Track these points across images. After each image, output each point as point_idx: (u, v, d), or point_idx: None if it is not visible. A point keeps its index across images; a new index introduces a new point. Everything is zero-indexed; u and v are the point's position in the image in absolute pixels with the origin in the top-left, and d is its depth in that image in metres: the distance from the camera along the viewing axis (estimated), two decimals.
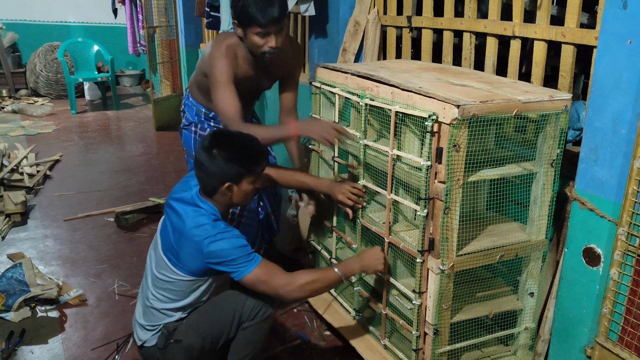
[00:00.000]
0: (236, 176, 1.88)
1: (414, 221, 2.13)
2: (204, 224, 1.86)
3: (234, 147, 1.90)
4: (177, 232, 1.90)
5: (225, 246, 1.83)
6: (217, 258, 1.83)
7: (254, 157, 1.93)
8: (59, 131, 6.34)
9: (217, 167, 1.86)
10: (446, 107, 1.70)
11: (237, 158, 1.88)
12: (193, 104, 2.67)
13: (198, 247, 1.84)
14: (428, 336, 1.95)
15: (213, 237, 1.83)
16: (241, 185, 1.91)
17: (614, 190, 1.89)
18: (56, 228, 3.77)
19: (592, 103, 1.92)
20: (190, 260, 1.88)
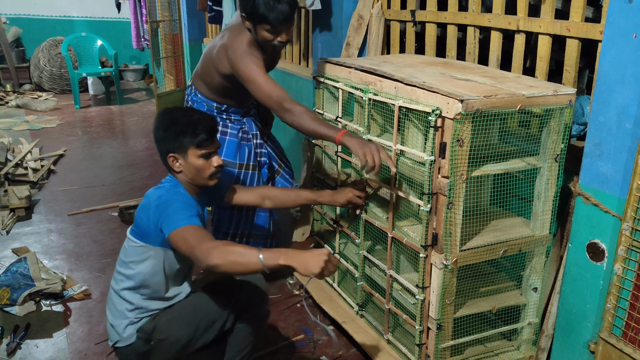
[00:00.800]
0: (174, 146, 1.88)
1: (417, 216, 2.12)
2: (162, 188, 1.92)
3: (173, 117, 1.92)
4: (142, 204, 1.92)
5: (173, 202, 1.82)
6: (161, 211, 1.80)
7: (190, 128, 1.89)
8: (63, 126, 6.35)
9: (156, 138, 1.92)
10: (450, 101, 1.70)
11: (173, 127, 1.88)
12: (202, 100, 2.65)
13: (150, 204, 1.85)
14: (431, 331, 1.96)
15: (166, 194, 1.86)
16: (187, 157, 1.89)
17: (618, 185, 1.89)
18: (60, 222, 3.78)
19: (597, 97, 1.91)
20: (144, 223, 1.87)
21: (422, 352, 2.02)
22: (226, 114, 2.66)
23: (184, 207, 1.82)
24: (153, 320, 1.93)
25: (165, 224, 1.78)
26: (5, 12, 8.25)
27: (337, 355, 2.41)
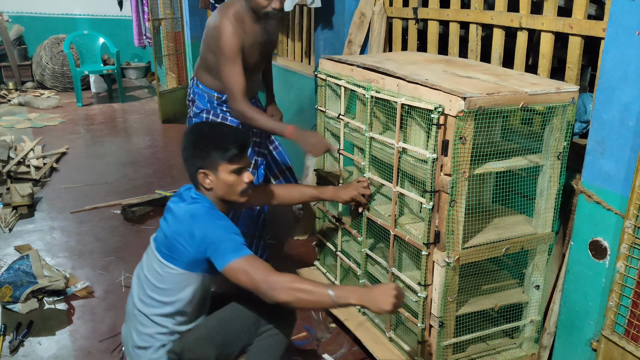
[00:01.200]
0: (205, 162, 1.81)
1: (419, 214, 2.12)
2: (197, 208, 1.80)
3: (203, 132, 1.86)
4: (171, 223, 1.81)
5: (217, 229, 1.74)
6: (207, 241, 1.72)
7: (222, 143, 1.82)
8: (66, 124, 6.36)
9: (187, 153, 1.84)
10: (452, 99, 1.70)
11: (203, 142, 1.82)
12: (203, 91, 2.66)
13: (190, 231, 1.74)
14: (433, 329, 1.96)
15: (207, 221, 1.76)
16: (218, 174, 1.82)
17: (621, 183, 1.88)
18: (63, 220, 3.79)
19: (600, 95, 1.91)
20: (183, 249, 1.76)
21: (425, 350, 2.02)
22: (226, 106, 2.65)
23: (231, 234, 1.74)
24: (181, 340, 1.86)
25: (218, 257, 1.71)
26: (7, 10, 8.26)
27: (340, 353, 2.41)
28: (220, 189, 1.84)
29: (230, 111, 2.53)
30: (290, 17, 4.49)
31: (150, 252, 1.87)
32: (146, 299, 1.84)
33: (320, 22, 3.77)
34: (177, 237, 1.76)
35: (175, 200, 1.88)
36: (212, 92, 2.65)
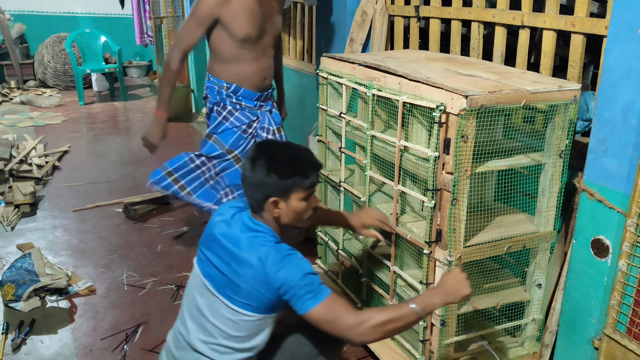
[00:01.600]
0: (280, 190, 1.64)
1: (421, 212, 2.12)
2: (265, 248, 1.62)
3: (278, 156, 1.67)
4: (233, 263, 1.65)
5: (294, 272, 1.58)
6: (286, 287, 1.58)
7: (301, 169, 1.66)
8: (68, 122, 6.36)
9: (259, 179, 1.64)
10: (454, 97, 1.69)
11: (279, 169, 1.64)
12: (214, 83, 2.66)
13: (264, 276, 1.59)
14: (435, 327, 1.95)
15: (280, 261, 1.59)
16: (290, 201, 1.67)
17: (623, 181, 1.88)
18: (65, 218, 3.79)
19: (602, 93, 1.90)
20: (256, 293, 1.61)
21: (426, 349, 2.02)
22: (236, 98, 2.65)
23: (307, 275, 1.58)
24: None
25: (297, 303, 1.58)
26: (9, 9, 8.26)
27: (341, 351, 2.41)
28: (287, 217, 1.70)
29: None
30: (291, 16, 4.49)
31: (209, 294, 1.70)
32: (219, 348, 1.70)
33: (322, 21, 3.77)
34: (246, 280, 1.61)
35: (225, 229, 1.71)
36: (222, 82, 2.64)
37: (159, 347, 2.45)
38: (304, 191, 1.67)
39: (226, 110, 2.65)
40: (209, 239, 1.76)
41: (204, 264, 1.75)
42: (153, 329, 2.58)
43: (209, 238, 1.75)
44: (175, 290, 2.89)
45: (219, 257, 1.69)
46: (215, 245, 1.71)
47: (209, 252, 1.73)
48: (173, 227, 3.65)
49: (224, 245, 1.68)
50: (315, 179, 1.69)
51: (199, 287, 1.74)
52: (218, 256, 1.69)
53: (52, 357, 2.40)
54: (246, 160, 1.68)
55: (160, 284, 2.96)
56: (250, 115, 2.67)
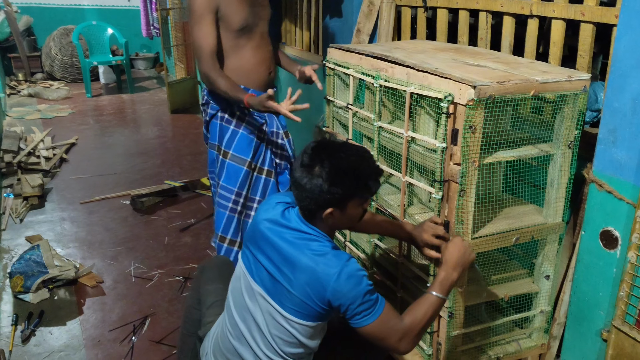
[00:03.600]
0: (340, 201, 1.56)
1: (428, 204, 2.11)
2: (323, 254, 1.53)
3: (339, 166, 1.54)
4: (286, 267, 1.57)
5: (354, 289, 1.50)
6: (343, 301, 1.51)
7: (364, 179, 1.57)
8: (75, 115, 6.38)
9: (318, 190, 1.53)
10: (462, 87, 1.68)
11: (342, 182, 1.53)
12: None
13: (319, 287, 1.51)
14: (442, 319, 1.95)
15: (338, 273, 1.50)
16: (346, 209, 1.59)
17: (632, 172, 1.86)
18: (73, 211, 3.81)
19: (612, 83, 1.88)
20: (308, 301, 1.54)
21: (434, 340, 2.01)
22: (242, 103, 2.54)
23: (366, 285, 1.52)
24: None
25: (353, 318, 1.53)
26: (16, 1, 8.27)
27: None
28: (340, 223, 1.63)
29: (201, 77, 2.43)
30: (298, 6, 4.46)
31: (260, 298, 1.63)
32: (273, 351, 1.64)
33: (329, 11, 3.75)
34: (305, 291, 1.54)
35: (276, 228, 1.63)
36: None
37: (167, 338, 2.46)
38: (362, 200, 1.61)
39: (236, 117, 2.49)
40: (257, 237, 1.67)
41: (253, 265, 1.67)
42: (161, 320, 2.60)
43: (258, 236, 1.66)
44: (182, 282, 2.90)
45: (269, 259, 1.61)
46: (266, 245, 1.63)
47: (259, 252, 1.65)
48: (180, 219, 3.66)
49: (275, 247, 1.60)
50: (377, 188, 1.61)
51: (249, 292, 1.67)
52: (268, 258, 1.61)
53: (61, 348, 2.42)
54: (301, 166, 1.56)
55: (168, 276, 2.97)
56: (259, 118, 2.53)
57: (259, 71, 2.51)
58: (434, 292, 1.62)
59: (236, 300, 1.71)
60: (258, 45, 2.50)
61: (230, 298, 1.76)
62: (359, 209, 1.62)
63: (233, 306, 1.72)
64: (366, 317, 1.53)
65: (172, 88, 6.48)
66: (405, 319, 1.58)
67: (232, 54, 2.44)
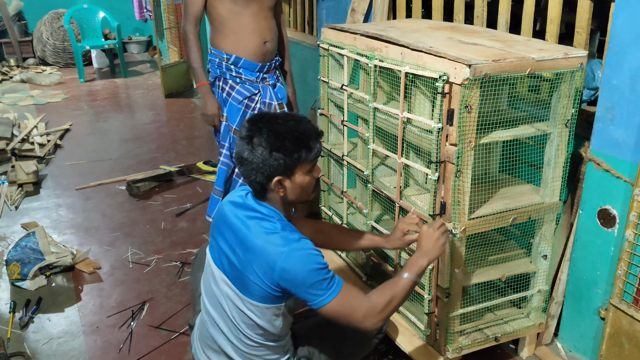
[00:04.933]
0: (284, 168, 1.54)
1: (425, 185, 2.10)
2: (271, 233, 1.54)
3: (278, 132, 1.54)
4: (239, 248, 1.58)
5: (302, 268, 1.49)
6: (291, 281, 1.50)
7: (304, 141, 1.56)
8: (68, 100, 6.33)
9: (261, 160, 1.53)
10: (457, 67, 1.65)
11: (283, 146, 1.52)
12: (215, 55, 2.59)
13: (267, 266, 1.50)
14: (440, 300, 1.95)
15: (286, 253, 1.49)
16: (294, 177, 1.57)
17: (630, 150, 1.85)
18: (68, 197, 3.79)
19: (609, 60, 1.86)
20: (259, 282, 1.53)
21: (431, 321, 2.02)
22: (236, 70, 2.55)
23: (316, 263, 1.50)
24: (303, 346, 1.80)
25: (311, 299, 1.51)
26: None
27: None
28: (292, 194, 1.61)
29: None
30: None
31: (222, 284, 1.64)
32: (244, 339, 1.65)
33: None
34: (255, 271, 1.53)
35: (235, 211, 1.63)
36: (222, 54, 2.55)
37: (165, 323, 2.46)
38: (308, 164, 1.59)
39: (228, 85, 2.58)
40: (220, 222, 1.68)
41: (216, 252, 1.68)
42: (159, 305, 2.59)
43: (221, 220, 1.67)
44: (180, 267, 2.90)
45: (227, 242, 1.62)
46: (225, 228, 1.64)
47: (220, 237, 1.66)
48: (176, 204, 3.64)
49: (232, 228, 1.61)
50: (319, 149, 1.60)
51: (213, 278, 1.68)
52: (227, 241, 1.62)
53: (59, 334, 2.42)
54: (241, 140, 1.57)
55: (165, 261, 2.96)
56: (251, 88, 2.58)
57: (253, 39, 2.54)
58: (405, 274, 1.61)
59: (207, 288, 1.73)
60: (255, 15, 2.54)
61: (202, 287, 1.77)
62: (308, 177, 1.61)
63: (205, 294, 1.74)
64: (323, 296, 1.51)
65: (166, 72, 6.42)
66: (371, 296, 1.57)
67: (227, 20, 2.52)
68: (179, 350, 2.30)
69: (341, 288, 1.54)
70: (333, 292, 1.52)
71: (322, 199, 2.76)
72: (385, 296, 1.57)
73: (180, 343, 2.34)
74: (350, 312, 1.54)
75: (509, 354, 2.25)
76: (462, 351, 2.02)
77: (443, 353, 2.00)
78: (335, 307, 1.52)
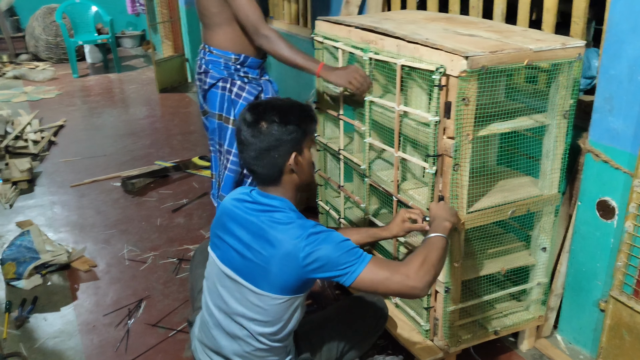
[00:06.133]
0: (298, 140, 1.57)
1: (422, 179, 2.08)
2: (288, 223, 1.53)
3: (282, 108, 1.58)
4: (256, 243, 1.54)
5: (326, 246, 1.48)
6: (318, 262, 1.48)
7: (307, 112, 1.62)
8: (62, 96, 6.28)
9: (275, 137, 1.54)
10: (454, 59, 1.63)
11: (293, 118, 1.56)
12: (220, 55, 2.45)
13: (291, 255, 1.48)
14: (439, 294, 1.93)
15: (306, 237, 1.49)
16: (304, 152, 1.61)
17: (629, 140, 1.84)
18: (63, 194, 3.76)
19: (607, 49, 1.84)
20: (283, 274, 1.51)
21: (430, 316, 2.00)
22: (243, 70, 2.48)
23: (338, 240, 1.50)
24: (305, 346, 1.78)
25: (343, 273, 1.49)
26: None
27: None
28: (303, 173, 1.62)
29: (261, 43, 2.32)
30: None
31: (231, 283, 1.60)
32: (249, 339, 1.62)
33: None
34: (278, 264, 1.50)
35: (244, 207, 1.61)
36: (229, 55, 2.44)
37: (163, 321, 2.44)
38: (311, 137, 1.63)
39: (236, 87, 2.46)
40: (225, 219, 1.65)
41: (222, 249, 1.64)
42: (156, 303, 2.57)
43: (225, 217, 1.64)
44: (177, 264, 2.88)
45: (237, 238, 1.59)
46: (233, 224, 1.61)
47: (226, 234, 1.62)
48: (171, 200, 3.61)
49: (243, 224, 1.58)
50: (317, 120, 1.67)
51: (220, 277, 1.64)
52: (236, 237, 1.59)
53: (55, 334, 2.40)
54: (246, 128, 1.56)
55: (162, 258, 2.94)
56: (257, 86, 2.51)
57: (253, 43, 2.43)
58: (432, 233, 1.61)
59: (211, 289, 1.70)
60: None
61: (205, 288, 1.74)
62: (309, 153, 1.64)
63: (208, 295, 1.71)
64: (354, 265, 1.48)
65: (160, 66, 6.37)
66: (405, 260, 1.54)
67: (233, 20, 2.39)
68: (176, 348, 2.28)
69: (370, 257, 1.52)
70: (363, 260, 1.50)
71: (319, 193, 2.74)
72: (418, 256, 1.52)
73: (178, 341, 2.33)
74: (388, 276, 1.48)
75: (508, 347, 2.24)
76: (462, 345, 2.01)
77: (442, 347, 1.99)
78: (370, 275, 1.48)
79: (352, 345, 1.88)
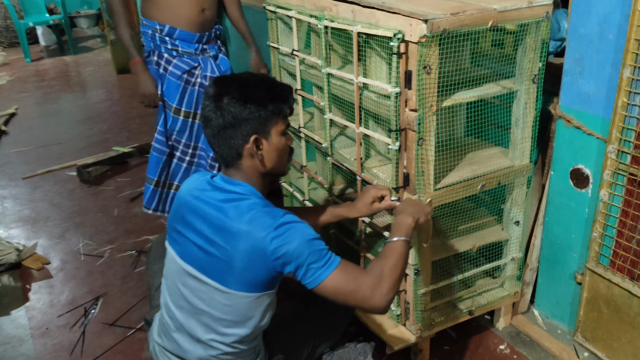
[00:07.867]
0: (260, 122, 1.41)
1: (387, 155, 1.95)
2: (255, 214, 1.38)
3: (247, 82, 1.44)
4: (218, 237, 1.40)
5: (297, 241, 1.35)
6: (289, 258, 1.35)
7: (277, 91, 1.46)
8: (14, 82, 5.98)
9: (233, 116, 1.39)
10: (413, 23, 1.49)
11: (255, 95, 1.41)
12: (147, 26, 2.35)
13: (258, 248, 1.35)
14: (409, 277, 1.82)
15: (275, 229, 1.35)
16: (270, 137, 1.44)
17: (602, 104, 1.73)
18: (14, 187, 3.56)
19: (576, 6, 1.73)
20: (251, 269, 1.38)
21: (401, 299, 1.90)
22: (171, 42, 2.32)
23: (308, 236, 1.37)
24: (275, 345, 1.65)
25: (308, 274, 1.36)
26: None
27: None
28: (269, 160, 1.46)
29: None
30: None
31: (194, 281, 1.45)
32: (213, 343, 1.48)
33: None
34: (244, 258, 1.36)
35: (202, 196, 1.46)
36: (155, 25, 2.32)
37: (120, 320, 2.30)
38: (282, 121, 1.46)
39: (163, 59, 2.34)
40: (183, 212, 1.49)
41: (182, 245, 1.49)
42: (114, 300, 2.43)
43: (184, 210, 1.49)
44: (135, 257, 2.72)
45: (198, 233, 1.44)
46: (193, 218, 1.45)
47: (186, 228, 1.47)
48: (129, 188, 3.43)
49: (203, 216, 1.43)
50: (292, 103, 1.48)
51: (181, 275, 1.48)
52: (197, 232, 1.44)
53: (5, 340, 2.24)
54: (208, 103, 1.42)
55: (119, 251, 2.78)
56: (189, 61, 2.35)
57: (189, 7, 2.30)
58: (395, 237, 1.48)
59: (171, 289, 1.53)
60: None
61: (164, 287, 1.58)
62: (283, 139, 1.47)
63: (168, 296, 1.55)
64: (321, 269, 1.36)
65: (116, 47, 6.09)
66: (372, 268, 1.41)
67: None
68: (135, 348, 2.15)
69: (339, 261, 1.40)
70: (331, 264, 1.38)
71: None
72: (386, 265, 1.41)
73: (137, 340, 2.19)
74: (355, 287, 1.37)
75: (484, 325, 2.15)
76: (435, 329, 1.91)
77: (415, 332, 1.89)
78: (336, 281, 1.37)
79: (324, 338, 1.76)
